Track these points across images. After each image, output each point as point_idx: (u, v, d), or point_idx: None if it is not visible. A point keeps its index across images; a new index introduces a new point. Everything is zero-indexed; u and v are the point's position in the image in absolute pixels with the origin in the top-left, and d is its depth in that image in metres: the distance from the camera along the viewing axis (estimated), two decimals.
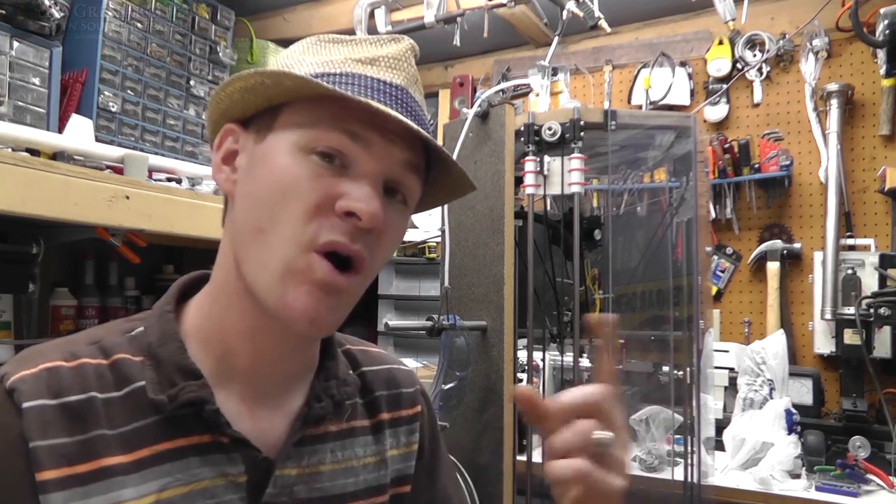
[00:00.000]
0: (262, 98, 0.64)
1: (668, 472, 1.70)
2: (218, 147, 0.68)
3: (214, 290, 0.68)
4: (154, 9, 1.86)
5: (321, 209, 0.60)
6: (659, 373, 1.88)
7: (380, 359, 0.84)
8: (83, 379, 0.60)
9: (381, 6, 2.36)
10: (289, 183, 0.61)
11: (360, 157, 0.62)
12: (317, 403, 0.69)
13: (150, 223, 1.18)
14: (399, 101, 0.64)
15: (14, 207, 0.97)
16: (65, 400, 0.58)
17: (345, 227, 0.60)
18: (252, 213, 0.63)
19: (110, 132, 1.72)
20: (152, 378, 0.62)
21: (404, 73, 0.66)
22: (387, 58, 0.66)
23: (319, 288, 0.60)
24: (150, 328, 0.66)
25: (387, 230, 0.64)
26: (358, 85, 0.63)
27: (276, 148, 0.62)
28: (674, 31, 2.61)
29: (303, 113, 0.62)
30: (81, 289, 1.56)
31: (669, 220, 1.64)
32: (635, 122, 1.50)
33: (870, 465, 1.74)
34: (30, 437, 0.55)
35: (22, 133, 1.21)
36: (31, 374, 0.58)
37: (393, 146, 0.63)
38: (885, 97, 2.21)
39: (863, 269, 2.08)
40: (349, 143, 0.61)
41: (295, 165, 0.61)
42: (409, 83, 0.66)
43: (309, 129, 0.61)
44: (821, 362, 2.26)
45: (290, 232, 0.60)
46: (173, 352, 0.64)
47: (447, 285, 1.42)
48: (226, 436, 0.62)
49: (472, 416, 1.41)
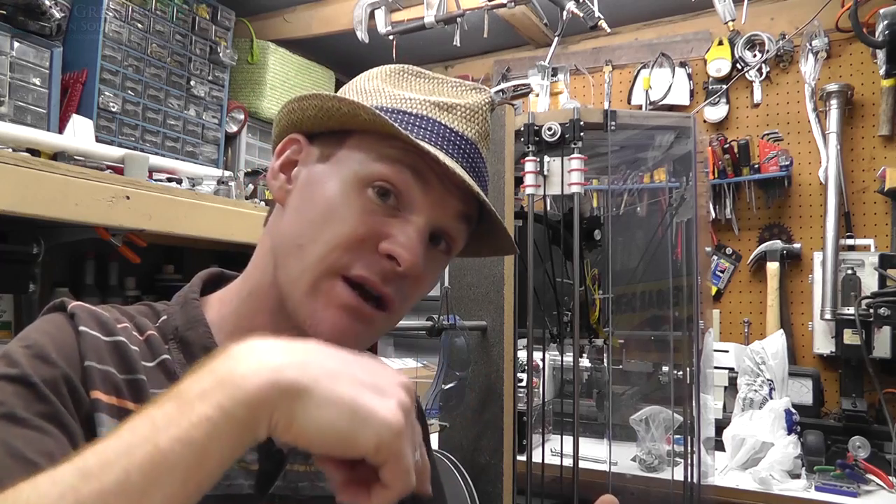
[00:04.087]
0: (335, 121, 0.65)
1: (668, 472, 1.70)
2: (279, 154, 0.69)
3: (246, 287, 0.68)
4: (154, 9, 1.86)
5: (363, 244, 0.61)
6: (659, 373, 1.88)
7: None
8: (127, 336, 0.62)
9: (382, 6, 2.36)
10: (340, 211, 0.61)
11: (415, 200, 0.62)
12: None
13: (150, 223, 1.18)
14: (466, 156, 0.65)
15: (14, 207, 0.97)
16: (113, 339, 0.61)
17: (381, 267, 0.61)
18: (297, 229, 0.64)
19: (111, 132, 1.72)
20: (179, 358, 0.64)
21: (478, 126, 0.67)
22: (465, 108, 0.66)
23: (346, 312, 0.61)
24: (174, 315, 0.67)
25: (423, 276, 0.64)
26: (431, 131, 0.63)
27: (337, 173, 0.63)
28: (674, 31, 2.61)
29: (370, 145, 0.63)
30: (82, 289, 1.56)
31: (669, 221, 1.65)
32: (635, 122, 1.50)
33: (869, 465, 1.74)
34: (85, 356, 0.57)
35: (22, 133, 1.21)
36: (86, 309, 0.61)
37: (450, 197, 0.63)
38: (884, 97, 2.21)
39: (862, 270, 2.08)
40: (409, 182, 0.62)
41: (351, 195, 0.61)
42: (480, 138, 0.67)
43: (373, 161, 0.62)
44: (820, 362, 2.26)
45: (326, 254, 0.61)
46: (200, 335, 0.65)
47: (447, 285, 1.42)
48: None
49: (472, 416, 1.41)
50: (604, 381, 1.92)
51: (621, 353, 1.87)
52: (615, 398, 1.81)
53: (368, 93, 0.67)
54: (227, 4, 2.12)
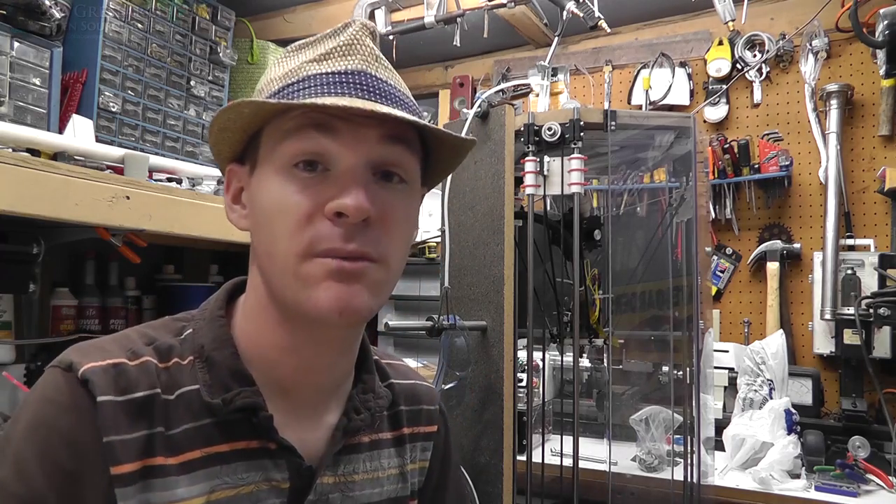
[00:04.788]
0: (238, 133, 0.66)
1: (668, 472, 1.70)
2: (227, 189, 0.71)
3: (251, 310, 0.69)
4: (154, 9, 1.86)
5: (312, 218, 0.61)
6: (659, 373, 1.88)
7: (404, 373, 0.86)
8: (147, 376, 0.62)
9: (382, 6, 2.36)
10: (281, 203, 0.62)
11: (334, 151, 0.62)
12: (356, 416, 0.71)
13: (150, 223, 1.18)
14: (358, 86, 0.64)
15: (14, 207, 0.97)
16: (132, 396, 0.60)
17: (338, 229, 0.61)
18: (262, 241, 0.65)
19: (111, 132, 1.72)
20: (205, 381, 0.64)
21: (359, 55, 0.65)
22: (338, 48, 0.65)
23: (335, 280, 0.61)
24: (199, 330, 0.68)
25: (388, 215, 0.63)
26: (315, 86, 0.63)
27: (265, 174, 0.64)
28: (674, 31, 2.61)
29: (275, 133, 0.64)
30: (82, 289, 1.56)
31: (669, 221, 1.65)
32: (635, 122, 1.50)
33: (869, 465, 1.74)
34: (105, 432, 0.57)
35: (22, 133, 1.21)
36: (100, 367, 0.60)
37: (365, 129, 0.62)
38: (884, 97, 2.21)
39: (862, 270, 2.08)
40: (319, 140, 0.61)
41: (284, 185, 0.62)
42: (366, 64, 0.65)
43: (282, 144, 0.62)
44: (820, 362, 2.26)
45: (289, 247, 0.61)
46: (227, 357, 0.66)
47: (447, 285, 1.42)
48: (273, 442, 0.64)
49: (472, 416, 1.41)
50: (604, 381, 1.92)
51: (621, 353, 1.86)
52: (615, 398, 1.81)
53: (261, 89, 0.68)
54: (227, 4, 2.12)
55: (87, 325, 1.53)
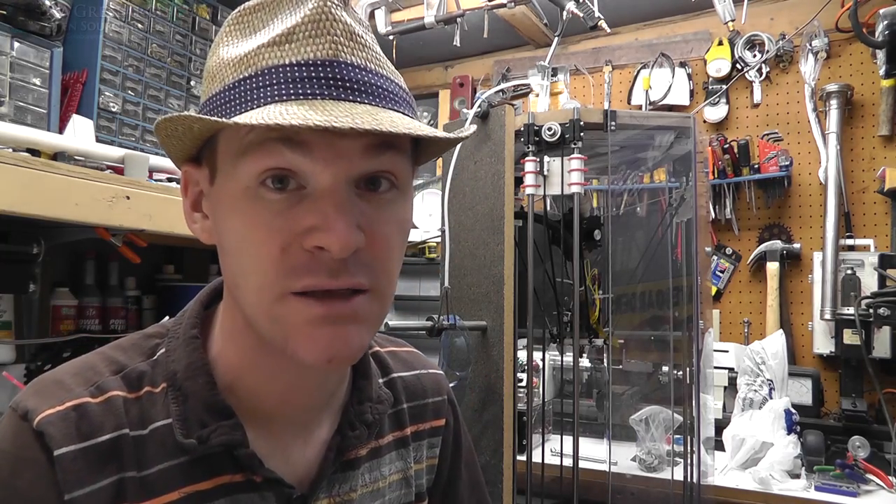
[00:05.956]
0: (189, 141, 0.56)
1: (668, 472, 1.70)
2: (184, 193, 0.61)
3: (227, 330, 0.62)
4: (154, 9, 1.86)
5: (287, 251, 0.51)
6: (659, 373, 1.88)
7: (408, 362, 0.79)
8: (114, 415, 0.55)
9: (382, 6, 2.36)
10: (249, 232, 0.52)
11: (310, 170, 0.51)
12: (350, 432, 0.65)
13: (150, 223, 1.18)
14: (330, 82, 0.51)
15: (14, 207, 0.97)
16: (96, 441, 0.53)
17: (321, 263, 0.51)
18: (228, 267, 0.57)
19: (111, 132, 1.72)
20: (178, 414, 0.57)
21: (328, 36, 0.52)
22: (303, 27, 0.52)
23: (322, 323, 0.52)
24: (173, 352, 0.61)
25: (379, 236, 0.54)
26: (273, 85, 0.51)
27: (227, 192, 0.54)
28: (673, 31, 2.62)
29: (235, 142, 0.53)
30: (82, 289, 1.56)
31: (669, 221, 1.65)
32: (635, 122, 1.50)
33: (869, 465, 1.74)
34: (66, 489, 0.51)
35: (22, 133, 1.21)
36: (57, 414, 0.53)
37: (340, 140, 0.51)
38: (884, 98, 2.21)
39: (862, 270, 2.08)
40: (289, 157, 0.51)
41: (249, 209, 0.52)
42: (337, 48, 0.52)
43: (246, 160, 0.52)
44: (820, 362, 2.26)
45: (262, 282, 0.52)
46: (201, 387, 0.58)
47: (447, 285, 1.42)
48: (258, 474, 0.58)
49: (472, 416, 1.41)
50: (604, 381, 1.92)
51: (621, 353, 1.87)
52: (615, 398, 1.81)
53: (214, 75, 0.56)
54: (227, 4, 2.12)
55: (87, 325, 1.53)
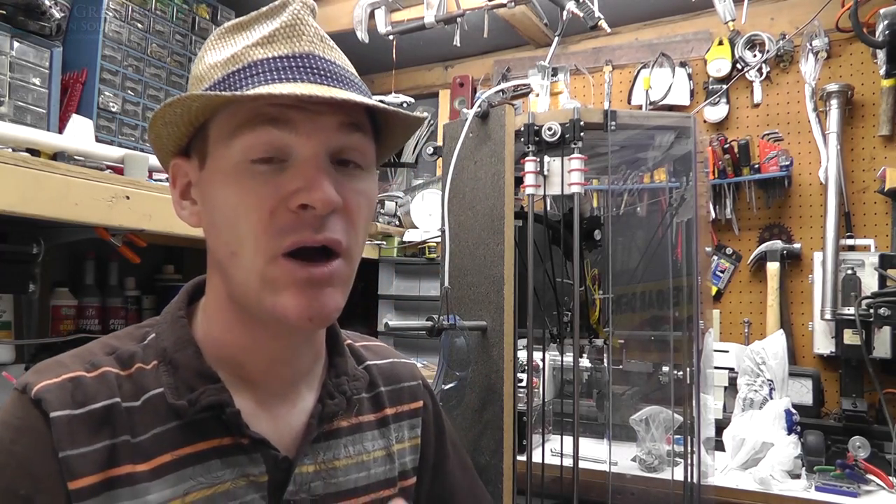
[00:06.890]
0: (184, 126, 0.64)
1: (668, 472, 1.70)
2: (173, 184, 0.69)
3: (212, 309, 0.68)
4: (154, 9, 1.86)
5: (276, 213, 0.60)
6: (659, 373, 1.88)
7: (381, 353, 0.85)
8: (106, 386, 0.61)
9: (382, 6, 2.36)
10: (241, 201, 0.60)
11: (291, 144, 0.60)
12: (330, 400, 0.71)
13: (150, 223, 1.18)
14: (309, 70, 0.62)
15: (14, 207, 0.97)
16: (90, 408, 0.59)
17: (305, 221, 0.60)
18: (222, 240, 0.63)
19: (110, 132, 1.72)
20: (170, 383, 0.63)
21: (305, 37, 0.64)
22: (283, 30, 0.63)
23: (305, 285, 0.60)
24: (162, 334, 0.67)
25: (351, 203, 0.63)
26: (261, 73, 0.61)
27: (219, 171, 0.62)
28: (674, 31, 2.61)
29: (226, 126, 0.61)
30: (82, 289, 1.56)
31: (669, 221, 1.64)
32: (635, 122, 1.50)
33: (870, 465, 1.74)
34: (60, 447, 0.56)
35: (22, 133, 1.21)
36: (54, 384, 0.59)
37: (320, 117, 0.61)
38: (884, 97, 2.21)
39: (862, 270, 2.08)
40: (274, 133, 0.59)
41: (241, 183, 0.60)
42: (313, 46, 0.64)
43: (237, 139, 0.60)
44: (820, 362, 2.26)
45: (256, 246, 0.60)
46: (190, 357, 0.65)
47: (447, 285, 1.42)
48: (246, 437, 0.64)
49: (472, 416, 1.41)
50: (604, 381, 1.92)
51: (621, 353, 1.86)
52: (615, 398, 1.81)
53: (203, 76, 0.64)
54: (226, 4, 2.12)
55: (87, 325, 1.53)
